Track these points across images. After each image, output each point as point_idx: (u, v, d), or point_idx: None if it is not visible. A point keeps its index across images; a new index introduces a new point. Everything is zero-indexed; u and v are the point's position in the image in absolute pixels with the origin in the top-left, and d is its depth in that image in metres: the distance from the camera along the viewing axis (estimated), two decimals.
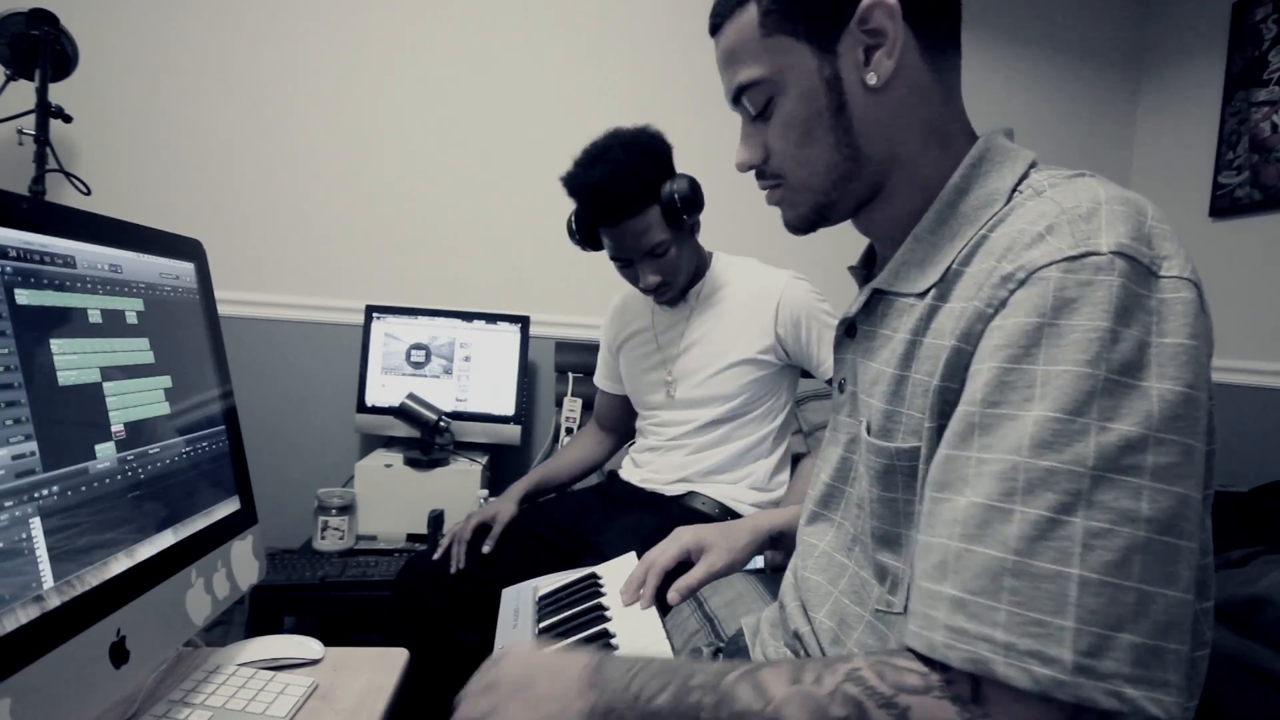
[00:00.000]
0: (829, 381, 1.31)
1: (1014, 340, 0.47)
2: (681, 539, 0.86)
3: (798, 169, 0.62)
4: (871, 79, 0.58)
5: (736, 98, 0.63)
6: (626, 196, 1.25)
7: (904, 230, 0.62)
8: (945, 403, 0.53)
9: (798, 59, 0.59)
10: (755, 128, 0.64)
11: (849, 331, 0.69)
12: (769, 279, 1.38)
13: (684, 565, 0.87)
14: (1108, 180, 0.53)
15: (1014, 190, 0.57)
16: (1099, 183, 0.52)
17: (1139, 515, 0.43)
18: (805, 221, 0.65)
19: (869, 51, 0.58)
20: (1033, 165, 0.59)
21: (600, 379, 1.62)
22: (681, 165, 1.33)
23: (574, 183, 1.29)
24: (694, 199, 1.27)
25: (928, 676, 0.46)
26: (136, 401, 0.68)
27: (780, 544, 0.92)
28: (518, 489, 1.45)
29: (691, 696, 0.50)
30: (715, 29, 0.64)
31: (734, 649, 0.81)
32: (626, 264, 1.34)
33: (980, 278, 0.52)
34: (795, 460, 1.82)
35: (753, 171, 0.67)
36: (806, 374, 1.44)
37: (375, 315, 1.88)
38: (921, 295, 0.58)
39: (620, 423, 1.60)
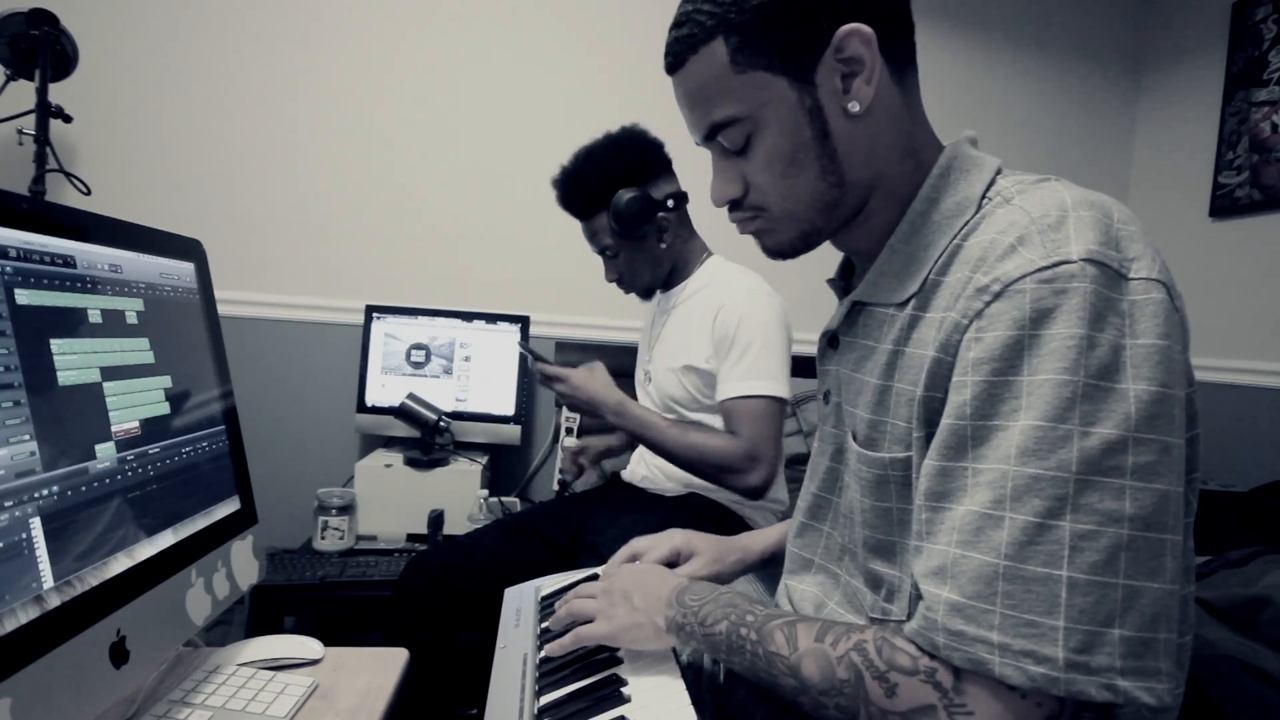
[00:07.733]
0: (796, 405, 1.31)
1: (997, 354, 0.49)
2: (673, 539, 0.87)
3: (783, 201, 0.62)
4: (854, 107, 0.58)
5: (710, 135, 0.62)
6: (576, 203, 1.38)
7: (881, 244, 0.62)
8: (931, 411, 0.54)
9: (776, 93, 0.58)
10: (731, 162, 0.63)
11: (831, 343, 0.70)
12: (728, 291, 1.33)
13: (671, 566, 0.87)
14: (1071, 184, 0.55)
15: (983, 197, 0.58)
16: (1064, 187, 0.54)
17: (1123, 515, 0.45)
18: (790, 248, 0.65)
19: (846, 79, 0.58)
20: (999, 172, 0.60)
21: None
22: (683, 166, 1.34)
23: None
24: (629, 216, 1.30)
25: (917, 660, 0.50)
26: (136, 401, 0.68)
27: (773, 563, 0.92)
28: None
29: (741, 630, 0.59)
30: (674, 67, 0.62)
31: None
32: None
33: (957, 288, 0.53)
34: (797, 461, 1.82)
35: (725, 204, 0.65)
36: (794, 374, 1.36)
37: (375, 315, 1.88)
38: (901, 306, 0.59)
39: None
